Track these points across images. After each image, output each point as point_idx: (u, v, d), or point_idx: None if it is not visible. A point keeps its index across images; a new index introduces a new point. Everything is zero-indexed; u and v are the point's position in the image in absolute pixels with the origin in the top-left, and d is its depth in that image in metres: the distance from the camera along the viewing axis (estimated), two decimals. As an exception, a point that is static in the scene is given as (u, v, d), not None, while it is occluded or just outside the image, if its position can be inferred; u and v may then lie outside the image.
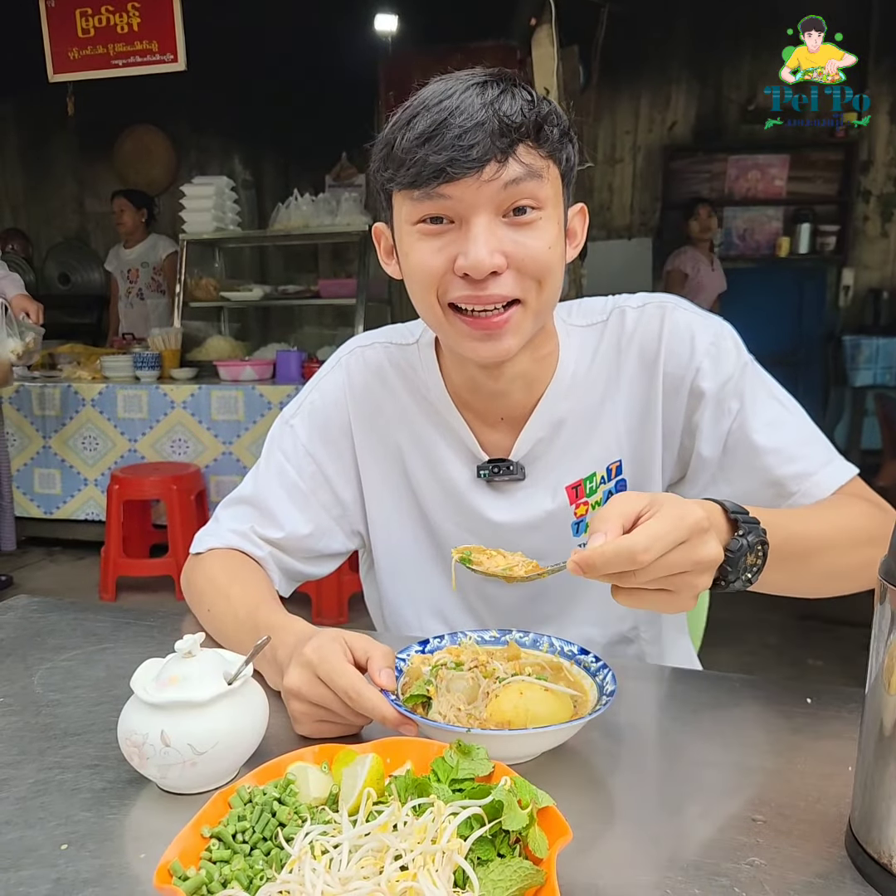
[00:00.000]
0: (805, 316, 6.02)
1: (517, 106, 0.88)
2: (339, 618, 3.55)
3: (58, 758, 0.82)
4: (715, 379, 1.05)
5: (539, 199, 0.91)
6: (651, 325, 1.08)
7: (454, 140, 0.86)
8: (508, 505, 1.12)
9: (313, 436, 1.16)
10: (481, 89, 0.88)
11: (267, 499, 1.15)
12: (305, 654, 0.81)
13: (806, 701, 0.91)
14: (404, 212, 0.94)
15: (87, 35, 4.47)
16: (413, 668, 0.86)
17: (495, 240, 0.90)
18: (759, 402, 1.05)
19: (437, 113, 0.87)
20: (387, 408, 1.16)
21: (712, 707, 0.91)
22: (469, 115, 0.86)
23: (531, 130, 0.89)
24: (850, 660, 3.10)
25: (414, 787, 0.64)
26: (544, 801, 0.62)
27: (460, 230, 0.91)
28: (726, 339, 1.07)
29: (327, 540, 1.18)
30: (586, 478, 1.11)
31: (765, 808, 0.72)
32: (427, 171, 0.87)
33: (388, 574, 1.21)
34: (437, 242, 0.92)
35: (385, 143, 0.93)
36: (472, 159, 0.86)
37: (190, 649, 0.77)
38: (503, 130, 0.86)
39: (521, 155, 0.88)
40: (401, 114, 0.92)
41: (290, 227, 4.85)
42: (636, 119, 6.37)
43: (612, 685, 0.80)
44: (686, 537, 0.72)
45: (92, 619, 1.19)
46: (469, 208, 0.89)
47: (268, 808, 0.64)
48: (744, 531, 0.80)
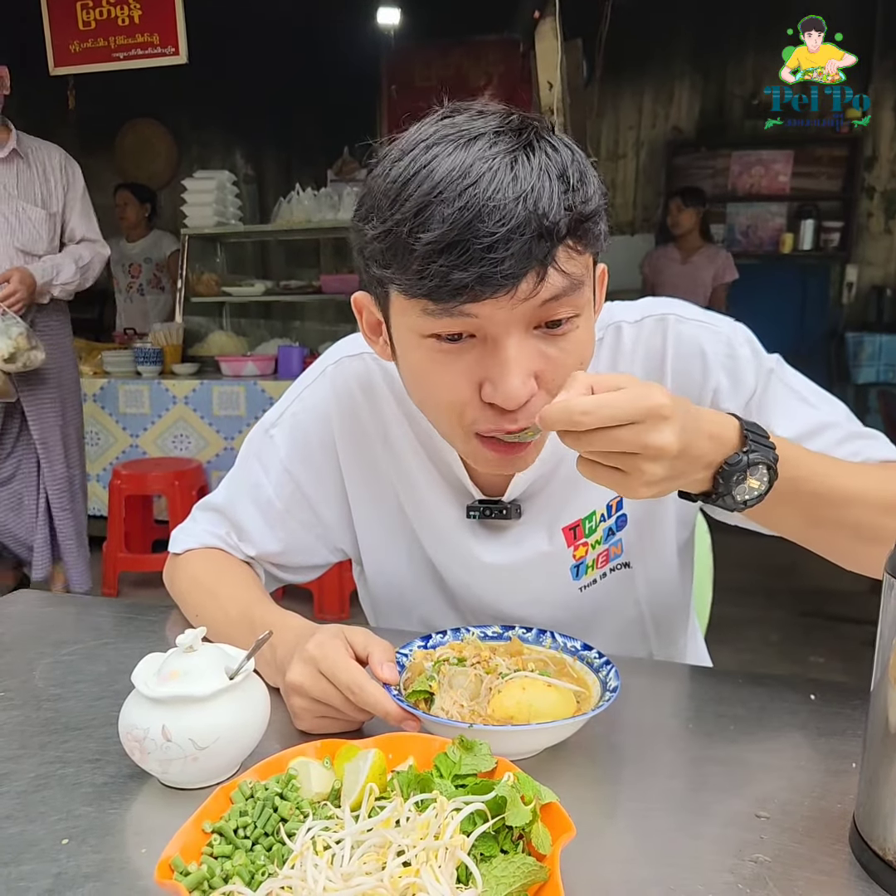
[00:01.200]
0: (808, 313, 6.01)
1: (555, 195, 0.72)
2: (340, 614, 3.56)
3: (59, 752, 0.82)
4: (736, 398, 0.96)
5: (578, 306, 0.79)
6: (652, 343, 0.98)
7: (483, 252, 0.70)
8: (500, 546, 1.04)
9: (293, 453, 1.08)
10: (510, 167, 0.72)
11: (238, 514, 1.10)
12: (308, 649, 0.81)
13: (810, 697, 0.91)
14: (411, 320, 0.79)
15: (87, 28, 4.45)
16: (415, 663, 0.86)
17: (527, 362, 0.77)
18: (788, 414, 0.95)
19: (461, 211, 0.70)
20: (374, 427, 1.07)
21: (715, 703, 0.90)
22: (501, 215, 0.70)
23: (572, 227, 0.74)
24: (852, 657, 3.10)
25: (416, 782, 0.63)
26: (547, 797, 0.61)
27: (485, 347, 0.77)
28: (742, 347, 0.97)
29: (305, 555, 1.13)
30: (585, 517, 1.03)
31: (769, 804, 0.71)
32: (448, 288, 0.72)
33: (381, 592, 1.16)
34: (457, 363, 0.79)
35: (383, 230, 0.75)
36: (506, 276, 0.71)
37: (191, 644, 0.77)
38: (542, 234, 0.72)
39: (563, 262, 0.74)
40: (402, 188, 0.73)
41: (291, 222, 4.82)
42: (639, 114, 6.35)
43: (616, 681, 0.80)
44: (639, 418, 0.66)
45: (93, 613, 1.19)
46: (497, 327, 0.76)
47: (269, 803, 0.64)
48: (748, 448, 0.75)
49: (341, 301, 5.00)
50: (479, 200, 0.70)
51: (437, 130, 0.76)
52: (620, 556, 1.07)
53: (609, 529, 1.05)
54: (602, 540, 1.05)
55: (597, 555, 1.06)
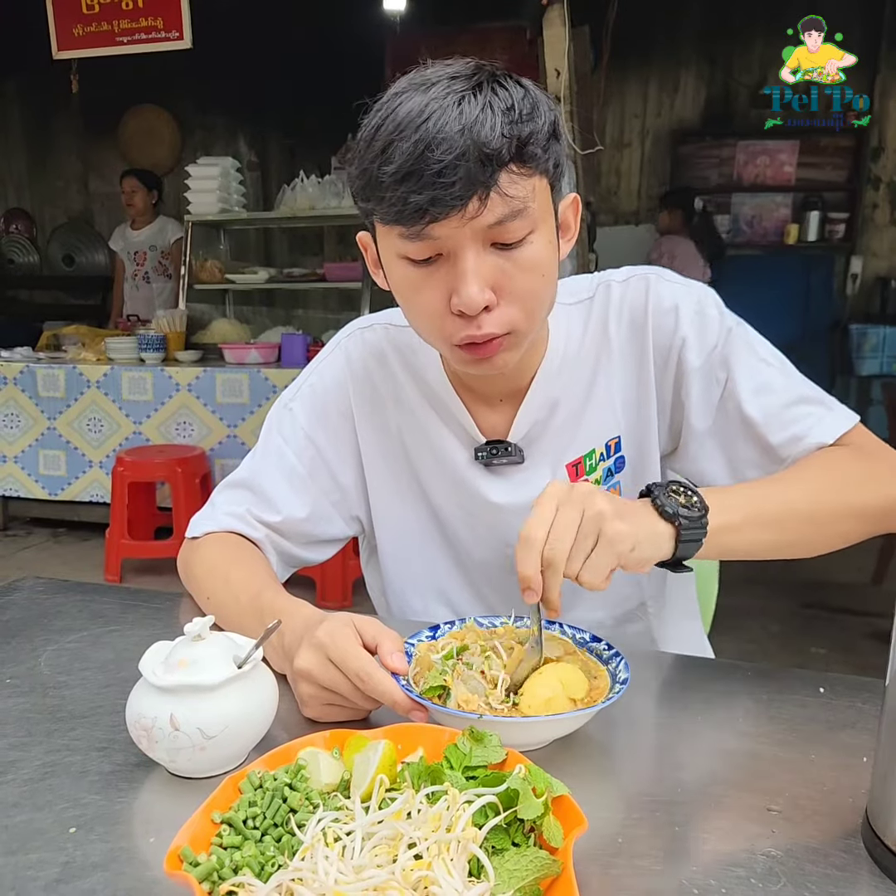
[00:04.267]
0: (812, 304, 5.99)
1: (497, 126, 0.81)
2: (343, 601, 3.56)
3: (65, 740, 0.81)
4: (700, 350, 1.04)
5: (530, 224, 0.87)
6: (637, 299, 1.07)
7: (434, 178, 0.80)
8: (508, 487, 1.10)
9: (313, 420, 1.15)
10: (458, 104, 0.82)
11: (263, 482, 1.13)
12: (318, 636, 0.81)
13: (819, 690, 0.90)
14: (392, 243, 0.90)
15: (91, 11, 4.42)
16: (421, 656, 0.85)
17: (484, 273, 0.87)
18: (746, 367, 1.04)
19: (415, 144, 0.81)
20: (386, 390, 1.14)
21: (724, 696, 0.90)
22: (448, 145, 0.80)
23: (513, 153, 0.83)
24: (853, 648, 3.10)
25: (427, 774, 0.63)
26: (559, 790, 0.61)
27: (449, 262, 0.88)
28: (709, 307, 1.06)
29: (325, 525, 1.16)
30: (586, 454, 1.10)
31: (780, 798, 0.71)
32: (409, 210, 0.83)
33: (392, 559, 1.20)
34: (430, 280, 0.90)
35: (361, 169, 0.87)
36: (455, 197, 0.81)
37: (199, 632, 0.77)
38: (483, 160, 0.81)
39: (505, 186, 0.83)
40: (375, 132, 0.85)
41: (295, 210, 4.80)
42: (644, 103, 6.32)
43: (625, 673, 0.79)
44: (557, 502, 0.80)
45: (98, 600, 1.18)
46: (456, 244, 0.86)
47: (279, 793, 0.63)
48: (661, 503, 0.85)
49: (345, 289, 4.99)
50: (429, 134, 0.80)
51: (407, 81, 0.87)
52: None
53: (608, 470, 1.11)
54: (602, 480, 1.11)
55: None
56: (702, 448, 1.07)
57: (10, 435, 4.54)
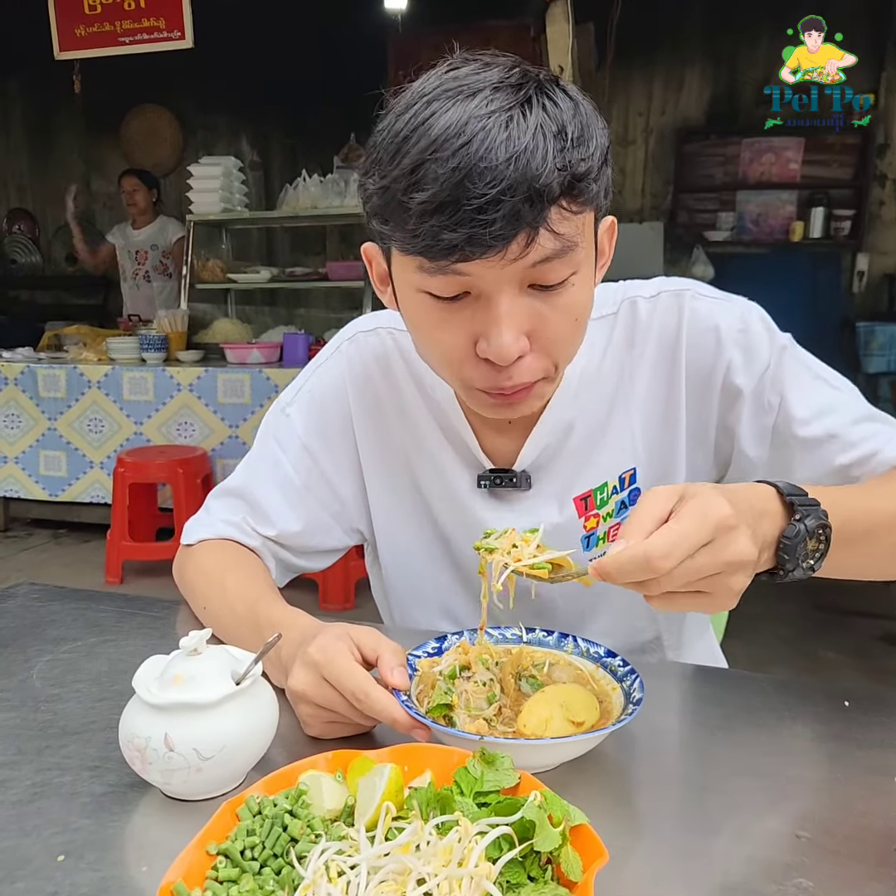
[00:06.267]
0: (818, 302, 5.93)
1: (549, 155, 0.70)
2: (345, 603, 3.52)
3: (56, 758, 0.78)
4: (749, 373, 0.96)
5: (573, 265, 0.78)
6: (668, 318, 0.98)
7: (473, 214, 0.70)
8: (512, 516, 1.03)
9: (310, 428, 1.08)
10: (506, 126, 0.70)
11: (258, 494, 1.08)
12: (310, 653, 0.77)
13: (843, 704, 0.86)
14: (409, 275, 0.80)
15: (93, 12, 4.40)
16: (424, 673, 0.80)
17: (519, 319, 0.78)
18: (802, 389, 0.96)
19: (452, 171, 0.69)
20: (390, 399, 1.07)
21: (743, 710, 0.86)
22: (493, 176, 0.69)
23: (566, 188, 0.73)
24: (864, 652, 3.06)
25: (436, 801, 0.59)
26: (577, 819, 0.57)
27: (479, 303, 0.78)
28: (755, 323, 0.98)
29: (323, 537, 1.11)
30: (597, 488, 1.02)
31: (808, 823, 0.67)
32: (439, 247, 0.73)
33: (395, 573, 1.15)
34: (453, 319, 0.80)
35: (382, 186, 0.76)
36: (495, 236, 0.71)
37: (196, 646, 0.73)
38: (532, 196, 0.70)
39: (555, 223, 0.73)
40: (402, 144, 0.73)
41: (297, 209, 4.78)
42: (649, 101, 6.27)
43: (640, 692, 0.75)
44: (710, 537, 0.65)
45: (94, 608, 1.15)
46: (489, 285, 0.76)
47: (279, 821, 0.60)
48: (801, 515, 0.73)
49: (347, 288, 4.95)
50: (471, 160, 0.69)
51: (439, 84, 0.75)
52: None
53: (622, 503, 1.03)
54: (614, 513, 1.03)
55: (608, 528, 1.04)
56: (755, 475, 0.97)
57: (11, 435, 4.51)
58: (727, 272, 5.89)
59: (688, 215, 6.25)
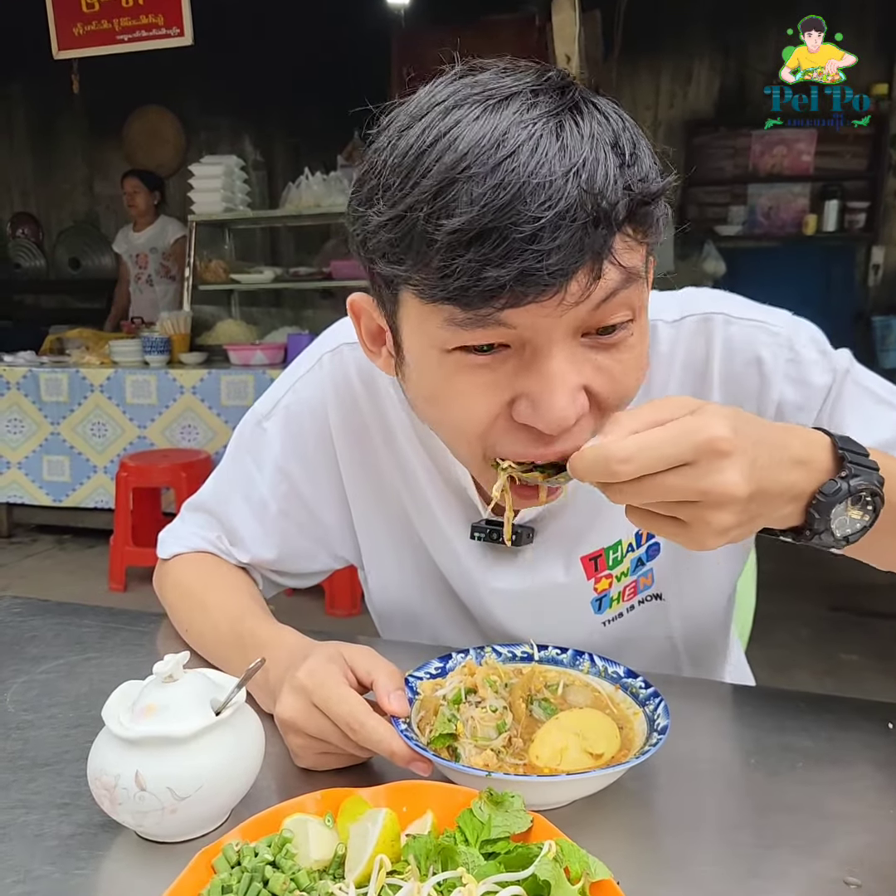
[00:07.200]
0: (833, 296, 5.82)
1: (612, 170, 0.57)
2: (352, 609, 3.45)
3: (23, 794, 0.71)
4: (805, 409, 0.82)
5: (634, 308, 0.64)
6: (694, 348, 0.84)
7: (525, 244, 0.55)
8: (512, 570, 0.92)
9: (287, 450, 0.97)
10: (554, 130, 0.57)
11: (230, 515, 1.00)
12: (299, 677, 0.69)
13: (887, 727, 0.78)
14: (431, 331, 0.63)
15: (91, 10, 4.34)
16: (426, 697, 0.72)
17: (576, 376, 0.62)
18: (867, 420, 0.81)
19: (494, 190, 0.55)
20: (377, 423, 0.94)
21: (777, 733, 0.78)
22: (548, 195, 0.55)
23: (631, 211, 0.59)
24: (887, 655, 2.97)
25: (437, 853, 0.52)
26: (599, 874, 0.50)
27: (522, 357, 0.62)
28: (806, 348, 0.82)
29: (304, 562, 1.03)
30: (609, 547, 0.90)
31: (857, 867, 0.60)
32: (479, 290, 0.57)
33: (386, 607, 1.05)
34: (484, 376, 0.64)
35: (393, 216, 0.60)
36: (553, 272, 0.56)
37: (171, 672, 0.66)
38: (598, 220, 0.57)
39: (620, 254, 0.60)
40: (416, 159, 0.58)
41: (301, 207, 4.71)
42: (657, 94, 6.18)
43: (665, 719, 0.67)
44: (692, 458, 0.54)
45: (77, 623, 1.08)
46: (540, 335, 0.61)
47: (258, 875, 0.52)
48: (848, 473, 0.61)
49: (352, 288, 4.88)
50: (518, 176, 0.55)
51: (457, 90, 0.60)
52: (651, 586, 0.94)
53: (638, 560, 0.92)
54: (629, 571, 0.92)
55: (623, 587, 0.93)
56: None
57: (14, 440, 4.45)
58: (739, 267, 5.80)
59: (698, 209, 6.15)
